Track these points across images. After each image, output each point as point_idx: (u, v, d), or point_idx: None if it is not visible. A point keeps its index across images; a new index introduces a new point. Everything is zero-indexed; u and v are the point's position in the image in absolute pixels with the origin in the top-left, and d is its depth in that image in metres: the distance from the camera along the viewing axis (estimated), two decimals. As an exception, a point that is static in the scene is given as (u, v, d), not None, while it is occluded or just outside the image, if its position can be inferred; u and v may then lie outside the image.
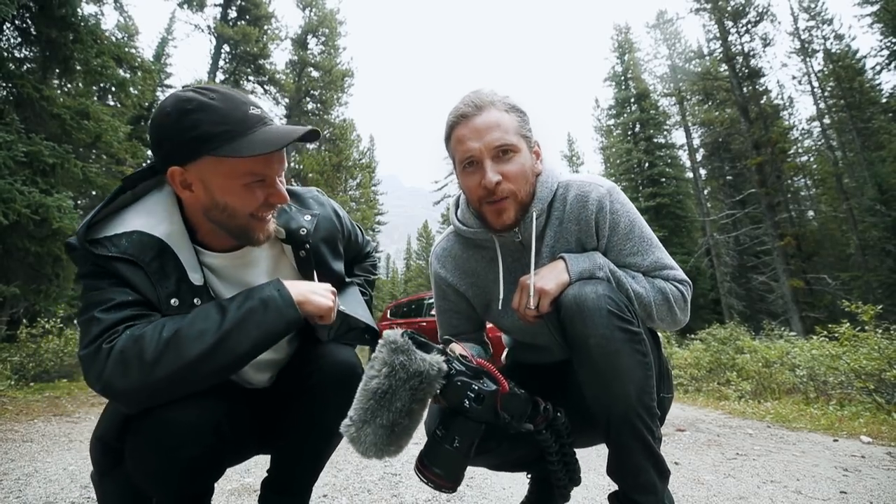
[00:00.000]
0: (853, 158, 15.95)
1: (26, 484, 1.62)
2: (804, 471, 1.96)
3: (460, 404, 0.65)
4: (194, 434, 0.63)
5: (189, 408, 0.63)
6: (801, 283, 12.46)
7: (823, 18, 17.04)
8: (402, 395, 0.60)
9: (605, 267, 0.79)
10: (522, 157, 0.81)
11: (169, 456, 0.62)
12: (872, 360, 3.65)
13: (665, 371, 0.88)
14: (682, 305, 0.83)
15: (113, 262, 0.66)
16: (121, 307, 0.64)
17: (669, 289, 0.81)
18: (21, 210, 3.64)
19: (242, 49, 13.27)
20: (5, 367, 4.12)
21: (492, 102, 0.81)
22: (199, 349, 0.60)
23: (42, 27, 4.50)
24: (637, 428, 0.71)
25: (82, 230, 0.68)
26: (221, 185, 0.67)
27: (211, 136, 0.63)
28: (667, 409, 0.90)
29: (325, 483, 1.65)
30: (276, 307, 0.66)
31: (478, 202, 0.83)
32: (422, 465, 0.66)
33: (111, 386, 0.60)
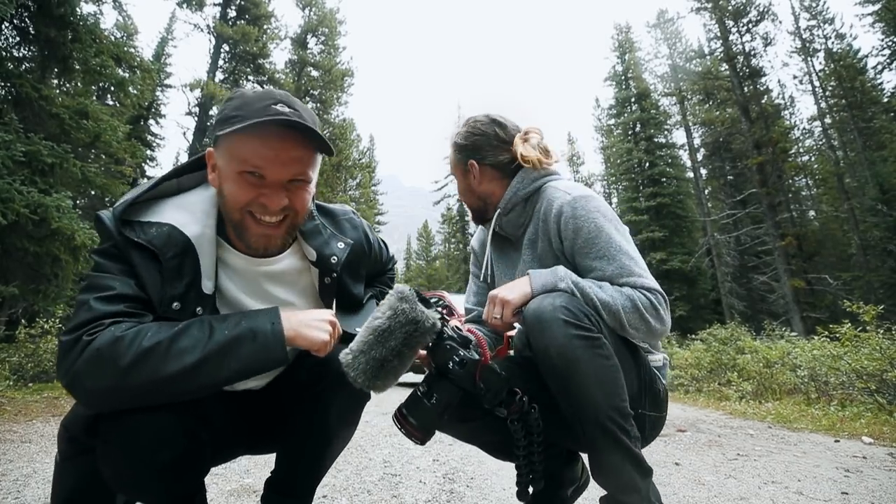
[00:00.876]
0: (854, 158, 15.94)
1: (24, 485, 1.61)
2: (805, 471, 1.96)
3: (445, 365, 0.72)
4: (166, 441, 0.61)
5: (160, 413, 0.60)
6: (802, 284, 12.45)
7: (825, 18, 17.02)
8: (397, 336, 0.67)
9: (567, 279, 0.83)
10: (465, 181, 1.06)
11: (141, 463, 0.60)
12: (874, 361, 3.64)
13: (646, 386, 0.88)
14: (653, 313, 0.81)
15: (133, 247, 0.65)
16: (117, 300, 0.62)
17: (637, 296, 0.81)
18: (20, 210, 3.63)
19: (242, 48, 13.27)
20: (4, 367, 4.12)
21: (448, 139, 1.10)
22: (175, 368, 0.58)
23: (41, 26, 4.49)
24: (609, 429, 0.73)
25: (121, 207, 0.67)
26: (223, 168, 0.68)
27: (227, 118, 0.66)
28: (647, 427, 0.88)
29: (325, 483, 1.64)
30: (264, 342, 0.63)
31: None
32: (400, 415, 0.73)
33: (78, 382, 0.57)
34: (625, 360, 0.81)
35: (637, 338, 0.85)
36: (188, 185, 0.75)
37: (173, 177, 0.73)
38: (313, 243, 0.79)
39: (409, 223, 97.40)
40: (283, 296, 0.79)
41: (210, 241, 0.70)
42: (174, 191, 0.73)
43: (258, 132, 0.64)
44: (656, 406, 0.91)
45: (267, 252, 0.73)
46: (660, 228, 17.06)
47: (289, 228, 0.73)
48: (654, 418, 0.91)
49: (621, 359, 0.79)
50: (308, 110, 0.72)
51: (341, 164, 17.41)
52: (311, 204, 0.77)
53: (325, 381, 0.77)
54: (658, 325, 0.82)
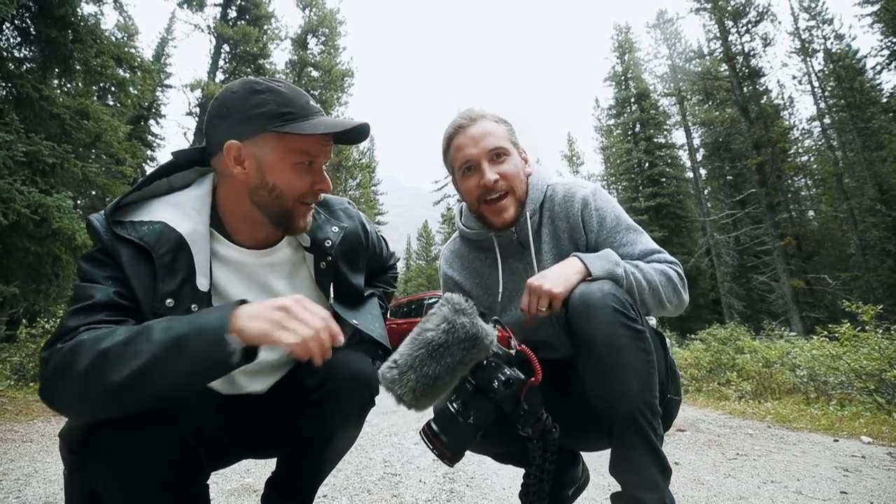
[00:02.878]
0: (853, 158, 15.95)
1: (26, 484, 1.62)
2: (804, 471, 1.96)
3: (489, 384, 0.67)
4: (158, 457, 0.58)
5: (150, 427, 0.56)
6: (801, 283, 12.45)
7: (824, 18, 17.04)
8: (454, 352, 0.62)
9: (622, 263, 0.81)
10: (514, 160, 0.91)
11: (134, 482, 0.58)
12: (873, 361, 3.64)
13: (672, 372, 0.88)
14: (683, 284, 0.85)
15: (123, 245, 0.64)
16: (94, 310, 0.59)
17: (670, 271, 0.84)
18: (21, 210, 3.63)
19: (242, 49, 13.26)
20: (5, 367, 4.12)
21: (483, 115, 0.92)
22: (124, 374, 0.51)
23: (41, 27, 4.49)
24: (640, 425, 0.71)
25: (110, 208, 0.67)
26: (274, 163, 0.69)
27: (276, 114, 0.67)
28: (673, 412, 0.89)
29: (326, 483, 1.64)
30: (209, 339, 0.54)
31: (476, 203, 0.91)
32: (430, 431, 0.67)
33: (48, 395, 0.54)
34: (656, 348, 0.79)
35: (668, 312, 0.85)
36: (179, 184, 0.74)
37: (162, 175, 0.73)
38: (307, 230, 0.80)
39: (409, 223, 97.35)
40: (280, 286, 0.79)
41: (203, 238, 0.70)
42: (165, 190, 0.73)
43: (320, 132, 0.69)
44: (678, 389, 0.92)
45: (307, 228, 0.76)
46: (659, 228, 17.06)
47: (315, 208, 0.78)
48: (676, 402, 0.91)
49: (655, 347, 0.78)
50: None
51: (341, 164, 17.41)
52: None
53: (327, 387, 0.76)
54: (686, 296, 0.86)
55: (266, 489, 0.85)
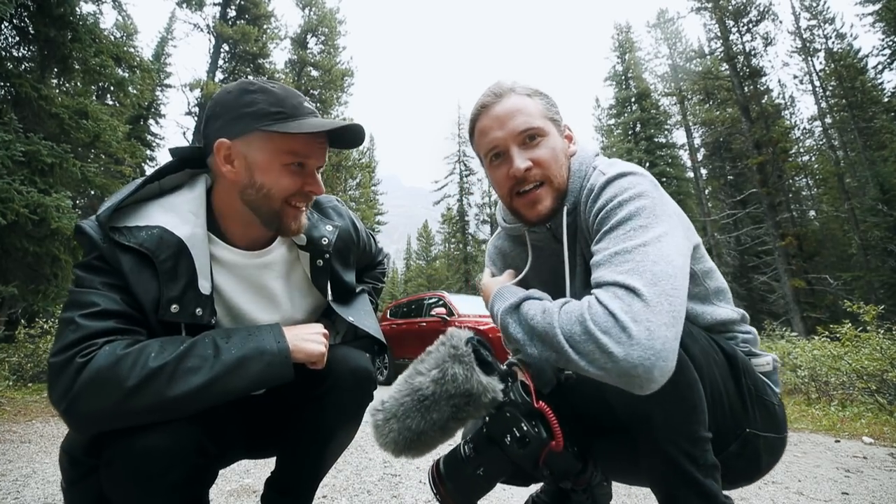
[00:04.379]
0: (855, 158, 15.93)
1: (24, 485, 1.61)
2: (806, 472, 1.95)
3: (501, 438, 0.57)
4: (175, 461, 0.59)
5: (164, 434, 0.58)
6: (802, 283, 12.43)
7: (825, 18, 17.01)
8: (441, 409, 0.54)
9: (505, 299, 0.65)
10: (552, 141, 0.73)
11: (151, 485, 0.58)
12: (874, 361, 3.63)
13: (753, 397, 0.68)
14: (610, 329, 0.52)
15: (123, 252, 0.63)
16: (104, 316, 0.59)
17: (589, 309, 0.54)
18: (19, 210, 3.63)
19: (242, 48, 13.25)
20: (3, 367, 4.12)
21: (512, 89, 0.75)
22: (183, 389, 0.57)
23: (40, 26, 4.48)
24: (671, 457, 0.57)
25: (106, 213, 0.64)
26: (263, 162, 0.68)
27: (265, 113, 0.67)
28: (761, 452, 0.68)
29: (325, 484, 1.64)
30: (270, 361, 0.63)
31: (508, 196, 0.75)
32: (437, 473, 0.61)
33: (76, 406, 0.54)
34: (711, 367, 0.62)
35: (604, 374, 0.52)
36: (170, 185, 0.74)
37: (155, 179, 0.72)
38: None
39: (409, 223, 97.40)
40: (276, 286, 0.79)
41: (202, 241, 0.69)
42: (157, 193, 0.72)
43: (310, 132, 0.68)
44: (772, 424, 0.69)
45: (299, 231, 0.75)
46: (660, 228, 17.01)
47: (309, 211, 0.78)
48: (770, 440, 0.69)
49: (707, 367, 0.61)
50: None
51: (341, 164, 17.40)
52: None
53: (326, 383, 0.77)
54: (618, 348, 0.50)
55: (265, 489, 0.85)
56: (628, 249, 0.58)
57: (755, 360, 0.73)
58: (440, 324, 5.78)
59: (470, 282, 23.13)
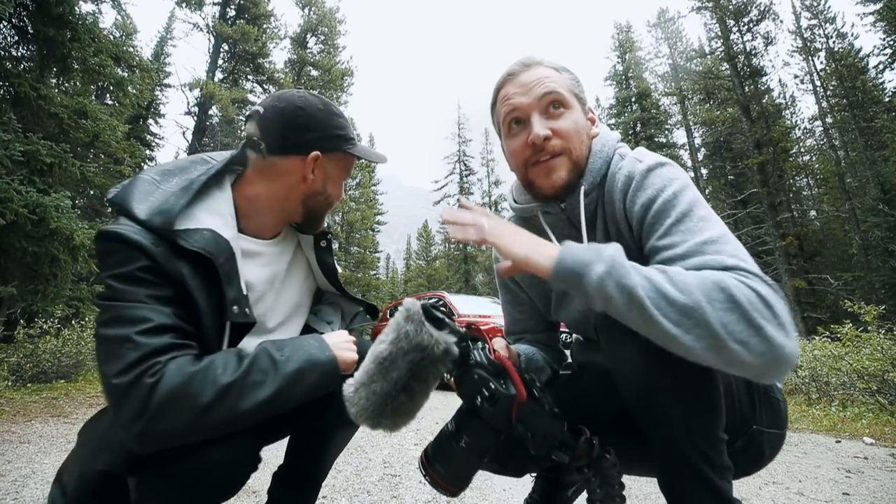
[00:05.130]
0: (856, 158, 15.92)
1: (23, 485, 1.61)
2: (806, 472, 1.95)
3: (473, 399, 0.58)
4: (237, 472, 0.64)
5: (229, 447, 0.61)
6: (803, 284, 12.43)
7: (826, 17, 17.00)
8: (399, 366, 0.55)
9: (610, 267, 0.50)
10: (575, 115, 0.71)
11: (207, 497, 0.62)
12: (875, 361, 3.63)
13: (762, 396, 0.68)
14: (767, 314, 0.46)
15: (180, 258, 0.62)
16: (160, 331, 0.59)
17: (733, 283, 0.48)
18: (18, 210, 3.62)
19: (241, 48, 13.25)
20: (2, 367, 4.11)
21: (540, 62, 0.73)
22: (252, 402, 0.60)
23: (39, 26, 4.47)
24: (688, 458, 0.56)
25: (163, 219, 0.62)
26: (335, 176, 0.80)
27: (349, 138, 0.81)
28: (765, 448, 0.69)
29: (325, 484, 1.62)
30: (323, 371, 0.67)
31: (524, 166, 0.72)
32: (425, 458, 0.61)
33: (153, 426, 0.54)
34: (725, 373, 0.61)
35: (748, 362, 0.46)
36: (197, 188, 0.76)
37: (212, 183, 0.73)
38: None
39: (408, 223, 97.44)
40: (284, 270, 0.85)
41: (237, 241, 0.72)
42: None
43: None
44: (776, 421, 0.70)
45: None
46: (660, 228, 17.03)
47: None
48: (773, 436, 0.70)
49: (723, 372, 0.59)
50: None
51: (341, 164, 17.38)
52: None
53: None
54: (778, 333, 0.46)
55: (273, 482, 0.87)
56: (715, 239, 0.55)
57: None
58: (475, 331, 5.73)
59: (470, 282, 23.13)
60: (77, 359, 4.78)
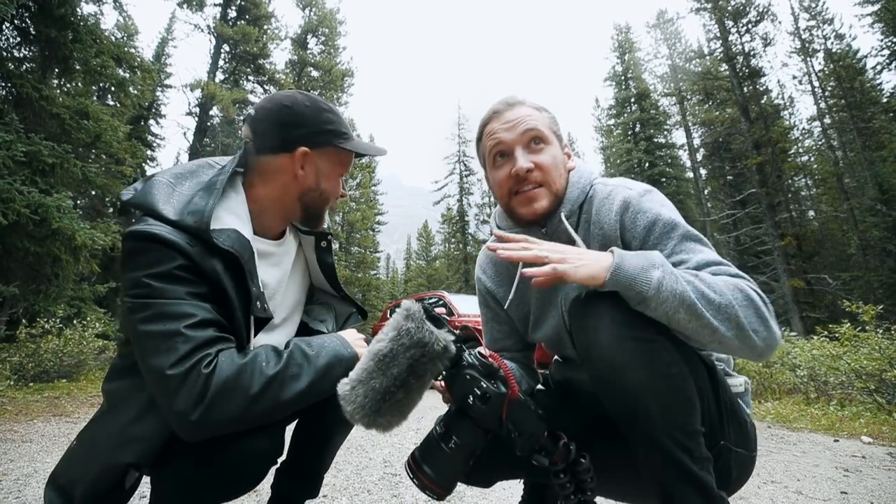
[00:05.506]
0: (854, 158, 15.94)
1: (25, 484, 1.62)
2: (805, 471, 1.96)
3: (464, 399, 0.60)
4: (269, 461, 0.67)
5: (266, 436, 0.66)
6: (801, 283, 12.44)
7: (824, 18, 17.03)
8: (400, 362, 0.57)
9: (665, 266, 0.61)
10: (554, 150, 0.80)
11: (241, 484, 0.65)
12: (873, 361, 3.65)
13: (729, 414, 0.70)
14: (770, 312, 0.62)
15: (213, 255, 0.65)
16: (205, 325, 0.62)
17: (745, 286, 0.62)
18: (20, 210, 3.63)
19: (242, 49, 13.26)
20: (5, 367, 4.12)
21: (523, 102, 0.83)
22: (291, 393, 0.63)
23: (41, 27, 4.49)
24: (666, 448, 0.58)
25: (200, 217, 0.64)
26: (329, 172, 0.81)
27: (340, 133, 0.80)
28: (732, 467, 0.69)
29: (326, 483, 1.64)
30: (347, 366, 0.70)
31: (507, 196, 0.79)
32: (413, 461, 0.62)
33: (210, 414, 0.57)
34: (698, 375, 0.64)
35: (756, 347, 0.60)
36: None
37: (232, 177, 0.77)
38: None
39: (409, 223, 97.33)
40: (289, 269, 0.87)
41: (253, 241, 0.75)
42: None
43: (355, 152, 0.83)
44: (744, 441, 0.71)
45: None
46: (659, 228, 17.02)
47: None
48: (741, 457, 0.71)
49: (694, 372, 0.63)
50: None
51: (341, 165, 17.39)
52: None
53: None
54: (777, 329, 0.62)
55: (276, 475, 0.88)
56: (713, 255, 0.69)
57: (729, 379, 0.76)
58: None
59: (470, 281, 23.12)
60: (79, 358, 4.79)
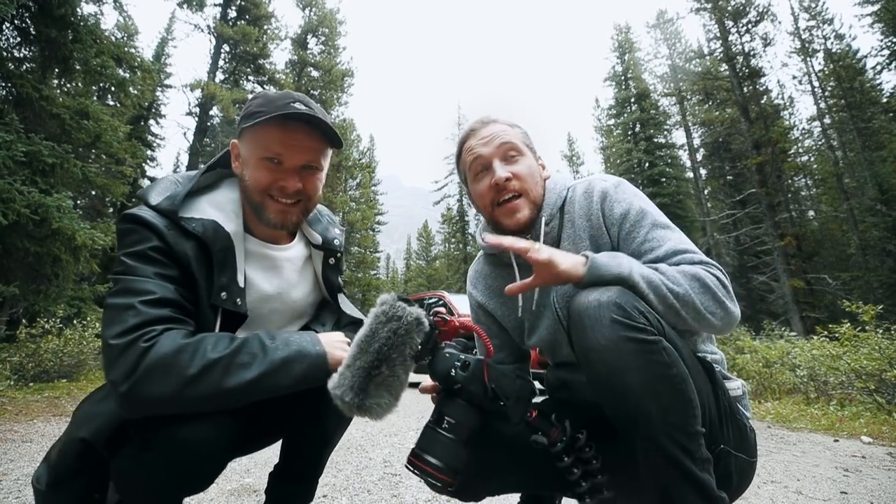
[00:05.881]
0: (854, 158, 15.95)
1: (26, 484, 1.62)
2: (805, 471, 1.96)
3: (448, 377, 0.64)
4: (211, 452, 0.63)
5: (207, 424, 0.61)
6: (801, 283, 12.45)
7: (824, 18, 17.04)
8: (380, 337, 0.61)
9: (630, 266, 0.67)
10: (529, 161, 0.86)
11: (180, 473, 0.61)
12: (873, 361, 3.65)
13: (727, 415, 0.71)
14: (727, 292, 0.69)
15: (188, 239, 0.68)
16: (162, 304, 0.63)
17: (702, 273, 0.69)
18: (20, 210, 3.63)
19: (242, 49, 13.26)
20: (5, 367, 4.12)
21: (496, 120, 0.88)
22: (237, 381, 0.61)
23: (41, 27, 4.49)
24: (665, 449, 0.59)
25: (172, 202, 0.69)
26: (248, 157, 0.76)
27: (251, 113, 0.74)
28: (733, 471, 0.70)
29: (326, 483, 1.65)
30: (310, 363, 0.68)
31: (490, 206, 0.84)
32: (413, 456, 0.62)
33: (138, 388, 0.57)
34: (697, 375, 0.66)
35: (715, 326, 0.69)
36: (203, 184, 0.80)
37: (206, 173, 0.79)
38: (317, 228, 0.90)
39: (409, 223, 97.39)
40: (294, 279, 0.86)
41: (241, 239, 0.76)
42: (196, 189, 0.78)
43: (279, 124, 0.73)
44: (744, 446, 0.72)
45: (285, 226, 0.79)
46: (659, 228, 17.02)
47: (303, 210, 0.81)
48: (741, 462, 0.71)
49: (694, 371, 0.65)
50: (321, 109, 0.80)
51: (341, 164, 17.40)
52: (321, 192, 0.84)
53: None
54: (732, 306, 0.69)
55: (270, 480, 0.87)
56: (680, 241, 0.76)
57: (727, 382, 0.77)
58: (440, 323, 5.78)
59: (470, 282, 23.03)
60: (79, 358, 4.80)
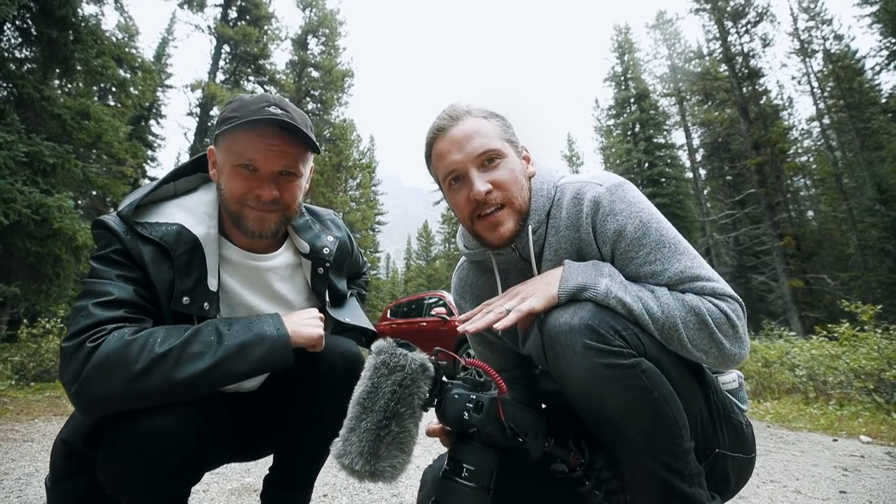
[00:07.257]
0: (853, 158, 15.96)
1: (27, 484, 1.62)
2: (804, 470, 1.97)
3: (460, 420, 0.58)
4: (177, 443, 0.61)
5: (170, 416, 0.60)
6: (800, 283, 12.47)
7: (823, 19, 17.06)
8: (384, 392, 0.55)
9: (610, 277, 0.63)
10: (510, 162, 0.73)
11: (150, 467, 0.60)
12: (872, 360, 3.65)
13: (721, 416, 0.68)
14: (727, 330, 0.61)
15: (146, 244, 0.68)
16: (116, 305, 0.63)
17: (706, 307, 0.61)
18: (22, 210, 3.64)
19: (242, 49, 13.27)
20: (6, 366, 4.13)
21: (467, 111, 0.74)
22: (189, 372, 0.60)
23: (42, 27, 4.50)
24: (651, 470, 0.57)
25: (129, 209, 0.70)
26: (223, 165, 0.74)
27: (224, 119, 0.72)
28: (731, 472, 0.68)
29: (326, 483, 1.65)
30: (271, 346, 0.66)
31: (469, 220, 0.74)
32: None
33: (86, 388, 0.57)
34: (685, 385, 0.63)
35: (705, 362, 0.63)
36: (184, 188, 0.79)
37: (171, 180, 0.77)
38: (305, 237, 0.86)
39: (409, 223, 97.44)
40: (280, 289, 0.83)
41: (213, 241, 0.74)
42: (171, 194, 0.78)
43: (252, 129, 0.70)
44: (740, 443, 0.70)
45: (263, 235, 0.75)
46: (659, 229, 17.03)
47: (281, 217, 0.77)
48: (738, 461, 0.69)
49: (681, 383, 0.62)
50: (300, 112, 0.77)
51: (341, 165, 17.40)
52: (300, 199, 0.81)
53: (319, 369, 0.80)
54: (733, 347, 0.61)
55: (265, 486, 0.86)
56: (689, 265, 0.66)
57: (721, 377, 0.74)
58: (440, 323, 5.80)
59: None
60: (78, 359, 4.79)
